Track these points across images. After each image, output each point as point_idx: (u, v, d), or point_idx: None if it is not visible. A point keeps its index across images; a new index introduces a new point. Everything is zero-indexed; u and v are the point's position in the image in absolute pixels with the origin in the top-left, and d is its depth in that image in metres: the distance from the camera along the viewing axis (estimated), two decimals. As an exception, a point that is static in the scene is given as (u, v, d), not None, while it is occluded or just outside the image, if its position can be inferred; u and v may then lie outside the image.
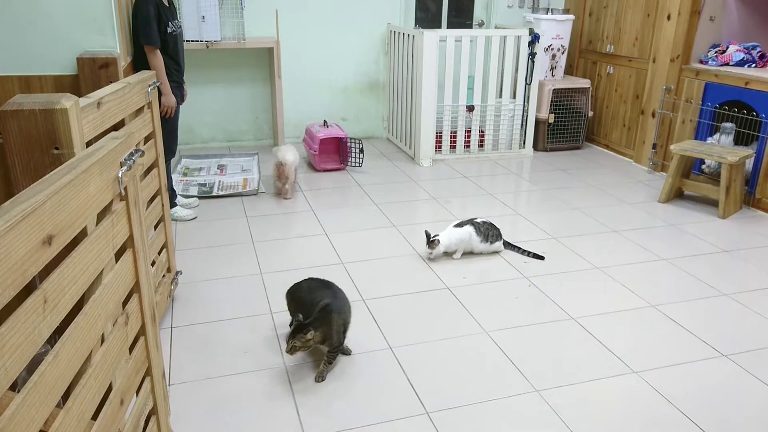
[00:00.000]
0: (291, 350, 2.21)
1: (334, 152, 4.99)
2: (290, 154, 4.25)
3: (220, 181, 4.55)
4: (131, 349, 1.53)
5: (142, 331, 1.58)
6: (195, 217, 3.90)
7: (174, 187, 3.97)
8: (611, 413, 2.13)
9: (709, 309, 2.85)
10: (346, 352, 2.44)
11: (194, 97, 5.29)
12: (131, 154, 1.48)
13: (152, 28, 3.39)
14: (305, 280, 2.55)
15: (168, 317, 2.71)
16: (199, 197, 4.23)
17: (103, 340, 1.33)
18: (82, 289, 1.20)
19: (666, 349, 2.52)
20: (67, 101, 1.49)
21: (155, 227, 2.64)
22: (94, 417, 1.28)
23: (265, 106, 5.58)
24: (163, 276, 2.71)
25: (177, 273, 2.88)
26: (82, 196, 1.19)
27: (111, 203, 1.39)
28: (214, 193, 4.32)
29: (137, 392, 1.57)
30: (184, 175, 4.72)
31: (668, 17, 4.68)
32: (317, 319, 2.26)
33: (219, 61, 5.32)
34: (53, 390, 1.05)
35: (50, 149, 1.49)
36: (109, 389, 1.37)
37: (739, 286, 3.07)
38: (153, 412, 1.67)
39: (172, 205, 3.87)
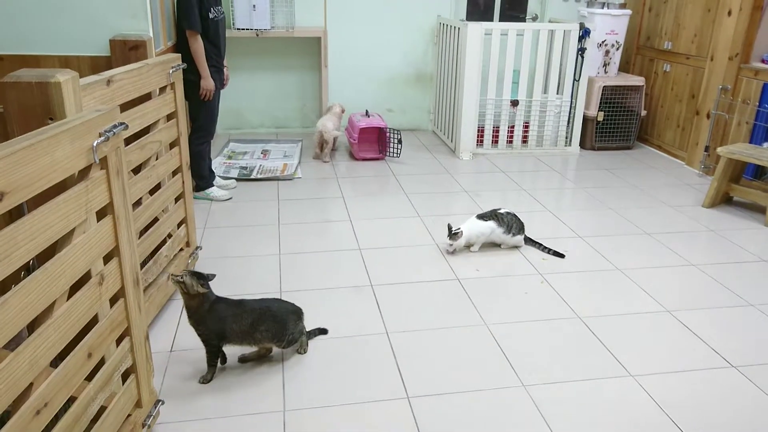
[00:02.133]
0: (172, 278, 2.12)
1: (374, 142, 5.04)
2: (330, 123, 4.86)
3: (260, 165, 4.70)
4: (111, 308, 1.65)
5: (121, 293, 1.69)
6: (230, 198, 4.06)
7: (213, 169, 4.13)
8: (595, 415, 2.08)
9: (730, 318, 2.71)
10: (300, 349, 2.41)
11: (244, 83, 5.48)
12: (114, 126, 1.59)
13: (194, 13, 3.55)
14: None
15: (184, 289, 2.85)
16: (238, 180, 4.38)
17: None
18: (43, 245, 1.31)
19: (670, 355, 2.42)
20: (62, 76, 1.61)
21: (175, 201, 2.77)
22: (56, 365, 1.39)
23: (313, 94, 5.70)
24: (181, 250, 2.86)
25: (196, 248, 3.02)
26: (45, 160, 1.30)
27: (88, 170, 1.50)
28: (252, 177, 4.47)
29: (117, 349, 1.69)
30: (229, 158, 4.90)
31: (729, 13, 4.43)
32: (219, 300, 2.21)
33: (269, 49, 5.48)
34: (-2, 333, 1.15)
35: (45, 119, 1.61)
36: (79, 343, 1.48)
37: (770, 297, 2.91)
38: (132, 370, 1.79)
39: (210, 185, 4.04)
